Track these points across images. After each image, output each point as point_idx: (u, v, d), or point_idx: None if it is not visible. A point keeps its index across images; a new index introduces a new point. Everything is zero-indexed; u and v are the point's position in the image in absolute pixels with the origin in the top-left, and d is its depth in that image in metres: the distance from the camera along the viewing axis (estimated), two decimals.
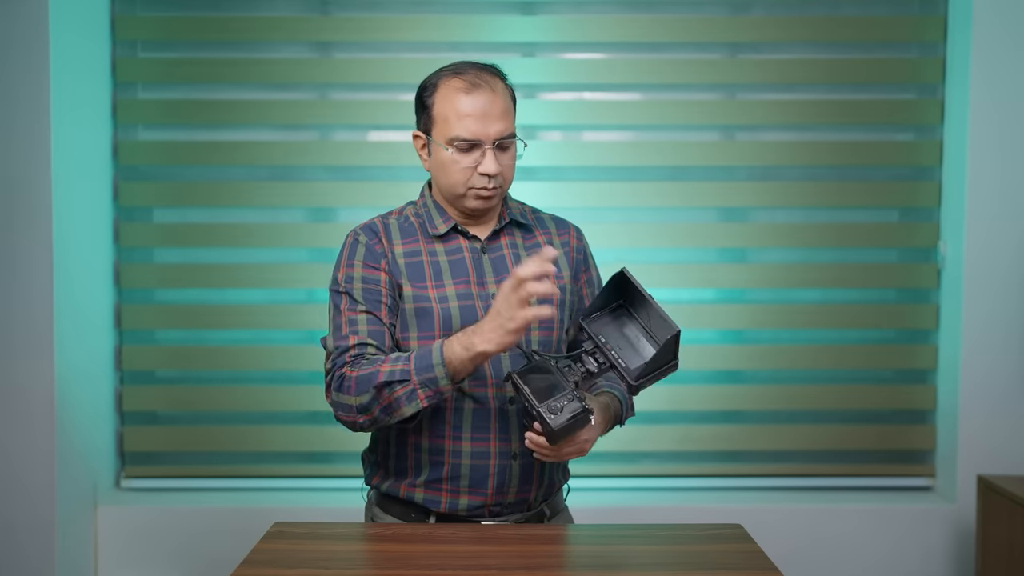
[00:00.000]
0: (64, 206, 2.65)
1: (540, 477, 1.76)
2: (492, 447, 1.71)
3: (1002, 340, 2.80)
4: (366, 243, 1.74)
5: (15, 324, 2.61)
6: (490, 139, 1.68)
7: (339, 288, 1.72)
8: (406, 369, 1.60)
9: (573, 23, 2.91)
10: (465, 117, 1.67)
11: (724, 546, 1.61)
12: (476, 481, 1.71)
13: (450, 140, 1.68)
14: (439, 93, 1.71)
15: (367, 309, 1.69)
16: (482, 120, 1.67)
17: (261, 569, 1.48)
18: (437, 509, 1.73)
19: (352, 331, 1.68)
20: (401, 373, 1.60)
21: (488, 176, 1.69)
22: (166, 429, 2.94)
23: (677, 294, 2.97)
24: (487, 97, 1.68)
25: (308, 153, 2.92)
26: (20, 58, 2.58)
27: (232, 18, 2.90)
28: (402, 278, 1.72)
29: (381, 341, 1.69)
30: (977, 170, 2.79)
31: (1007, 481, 2.59)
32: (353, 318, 1.69)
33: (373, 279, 1.71)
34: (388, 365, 1.61)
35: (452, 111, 1.68)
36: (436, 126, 1.71)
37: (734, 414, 2.97)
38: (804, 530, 2.85)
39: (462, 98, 1.67)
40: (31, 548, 2.62)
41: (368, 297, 1.70)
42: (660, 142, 2.92)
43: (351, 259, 1.73)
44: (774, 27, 2.91)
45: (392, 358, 1.63)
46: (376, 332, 1.69)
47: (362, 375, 1.62)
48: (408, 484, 1.74)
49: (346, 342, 1.68)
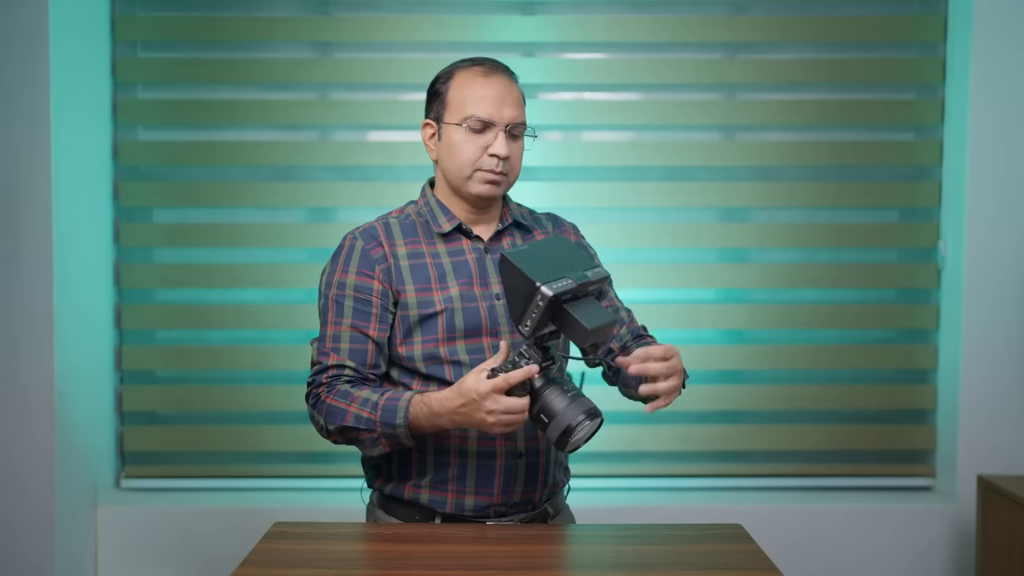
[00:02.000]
0: (64, 206, 2.65)
1: (545, 477, 1.76)
2: (498, 447, 1.71)
3: (1002, 340, 2.81)
4: (362, 248, 1.73)
5: (15, 324, 2.61)
6: (503, 122, 1.70)
7: (329, 294, 1.74)
8: (371, 419, 1.63)
9: (573, 23, 2.92)
10: (482, 99, 1.70)
11: (724, 546, 1.61)
12: (482, 481, 1.71)
13: (464, 118, 1.70)
14: (455, 80, 1.74)
15: (352, 324, 1.71)
16: (498, 103, 1.70)
17: (261, 569, 1.48)
18: (443, 510, 1.72)
19: (334, 348, 1.71)
20: (367, 422, 1.64)
21: (498, 158, 1.70)
22: (166, 429, 2.94)
23: (677, 294, 2.97)
24: (504, 83, 1.73)
25: (308, 153, 2.92)
26: (20, 58, 2.58)
27: (232, 18, 2.90)
28: (404, 283, 1.72)
29: (361, 360, 1.70)
30: (977, 170, 2.79)
31: (1007, 481, 2.59)
32: (337, 333, 1.71)
33: (365, 288, 1.72)
34: (356, 407, 1.64)
35: (469, 94, 1.71)
36: (450, 109, 1.73)
37: (734, 414, 2.97)
38: (804, 530, 2.85)
39: (480, 81, 1.72)
40: (31, 547, 2.62)
41: (357, 308, 1.71)
42: (660, 142, 2.92)
43: (346, 265, 1.73)
44: (774, 27, 2.91)
45: (361, 399, 1.65)
46: (357, 351, 1.70)
47: (333, 407, 1.67)
48: (413, 485, 1.74)
49: (326, 359, 1.71)
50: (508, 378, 1.53)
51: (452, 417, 1.59)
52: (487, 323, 1.72)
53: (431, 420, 1.62)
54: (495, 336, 1.72)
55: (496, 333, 1.72)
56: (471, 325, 1.70)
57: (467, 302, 1.71)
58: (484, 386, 1.54)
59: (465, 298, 1.72)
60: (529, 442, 1.73)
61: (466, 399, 1.56)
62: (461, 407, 1.57)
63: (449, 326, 1.70)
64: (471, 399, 1.55)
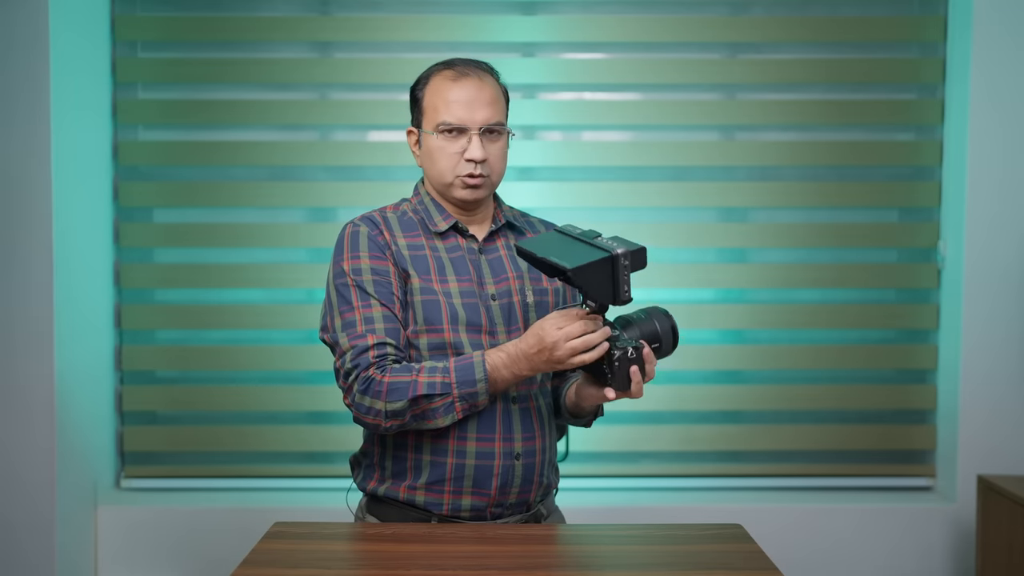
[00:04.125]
0: (64, 206, 2.65)
1: (540, 477, 1.76)
2: (496, 447, 1.71)
3: (1002, 340, 2.81)
4: (368, 233, 1.72)
5: (15, 324, 2.61)
6: (476, 124, 1.70)
7: (346, 280, 1.69)
8: (447, 382, 1.61)
9: (573, 23, 2.92)
10: (452, 104, 1.70)
11: (724, 546, 1.61)
12: (479, 482, 1.70)
13: (437, 126, 1.70)
14: (429, 85, 1.75)
15: (382, 303, 1.67)
16: (468, 106, 1.70)
17: (261, 569, 1.48)
18: (439, 511, 1.72)
19: (369, 329, 1.65)
20: (442, 386, 1.61)
21: (474, 162, 1.70)
22: (166, 429, 2.94)
23: (677, 294, 2.97)
24: (475, 85, 1.71)
25: (308, 153, 2.92)
26: (20, 58, 2.58)
27: (232, 18, 2.90)
28: (408, 267, 1.71)
29: (398, 339, 1.67)
30: (977, 170, 2.79)
31: (1007, 481, 2.59)
32: (369, 315, 1.67)
33: (383, 270, 1.70)
34: (425, 376, 1.62)
35: (440, 99, 1.71)
36: (426, 116, 1.74)
37: (734, 414, 2.97)
38: (804, 530, 2.85)
39: (450, 86, 1.71)
40: (31, 547, 2.62)
41: (380, 290, 1.68)
42: (660, 142, 2.92)
43: (355, 250, 1.71)
44: (774, 27, 2.91)
45: (427, 367, 1.63)
46: (393, 331, 1.67)
47: (395, 382, 1.61)
48: (408, 486, 1.73)
49: (364, 341, 1.65)
50: (588, 340, 1.58)
51: (532, 361, 1.61)
52: (486, 322, 1.72)
53: (511, 368, 1.63)
54: (492, 335, 1.72)
55: (493, 332, 1.72)
56: (472, 320, 1.70)
57: (467, 298, 1.72)
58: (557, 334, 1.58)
59: (465, 294, 1.72)
60: (526, 442, 1.73)
61: (540, 344, 1.59)
62: (543, 340, 1.59)
63: (453, 316, 1.70)
64: (544, 344, 1.59)
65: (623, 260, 1.55)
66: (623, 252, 1.55)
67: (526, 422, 1.73)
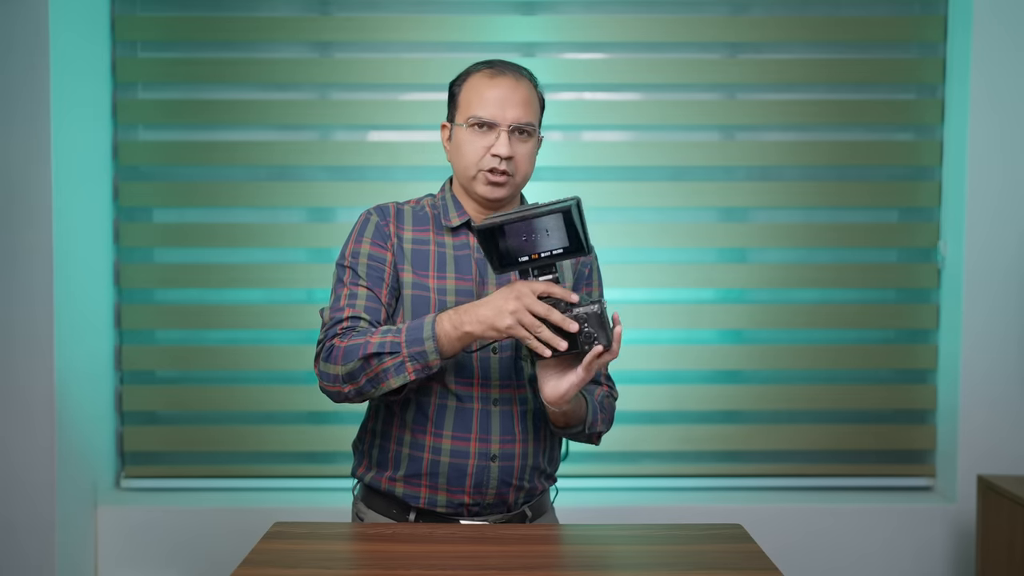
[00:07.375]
0: (64, 206, 2.65)
1: (520, 480, 1.76)
2: (472, 447, 1.71)
3: (1002, 340, 2.81)
4: (376, 223, 1.77)
5: (15, 324, 2.61)
6: (506, 122, 1.72)
7: (344, 262, 1.75)
8: (396, 341, 1.62)
9: (573, 23, 2.92)
10: (486, 99, 1.73)
11: (724, 546, 1.61)
12: (454, 480, 1.72)
13: (468, 119, 1.73)
14: (467, 82, 1.77)
15: (368, 285, 1.72)
16: (500, 104, 1.72)
17: (261, 569, 1.48)
18: (416, 504, 1.74)
19: (349, 304, 1.71)
20: (391, 345, 1.62)
21: (499, 158, 1.71)
22: (166, 429, 2.94)
23: (677, 294, 2.97)
24: (510, 85, 1.74)
25: (308, 153, 2.92)
26: (20, 58, 2.58)
27: (232, 18, 2.90)
28: (404, 263, 1.74)
29: (376, 317, 1.71)
30: (977, 170, 2.79)
31: (1007, 481, 2.59)
32: (353, 291, 1.72)
33: (379, 257, 1.74)
34: (378, 337, 1.63)
35: (475, 95, 1.74)
36: (460, 110, 1.77)
37: (734, 414, 2.97)
38: (804, 530, 2.85)
39: (486, 83, 1.74)
40: (31, 547, 2.62)
41: (371, 274, 1.73)
42: (660, 142, 2.93)
43: (361, 236, 1.76)
44: (774, 27, 2.91)
45: (382, 330, 1.65)
46: (372, 309, 1.71)
47: (351, 345, 1.64)
48: (389, 477, 1.76)
49: (341, 314, 1.70)
50: (551, 288, 1.57)
51: (478, 310, 1.58)
52: None
53: (455, 322, 1.59)
54: None
55: None
56: None
57: (462, 296, 1.72)
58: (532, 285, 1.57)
59: (460, 292, 1.73)
60: (504, 445, 1.73)
61: (510, 289, 1.57)
62: (496, 297, 1.58)
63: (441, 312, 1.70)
64: (510, 287, 1.57)
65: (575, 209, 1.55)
66: (577, 199, 1.55)
67: (506, 424, 1.73)
